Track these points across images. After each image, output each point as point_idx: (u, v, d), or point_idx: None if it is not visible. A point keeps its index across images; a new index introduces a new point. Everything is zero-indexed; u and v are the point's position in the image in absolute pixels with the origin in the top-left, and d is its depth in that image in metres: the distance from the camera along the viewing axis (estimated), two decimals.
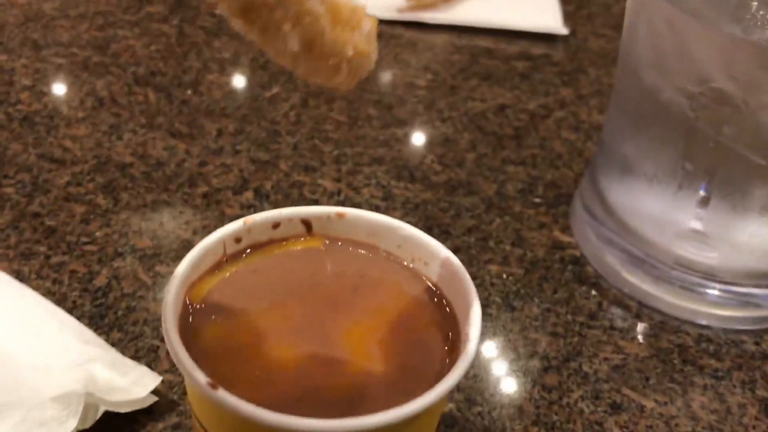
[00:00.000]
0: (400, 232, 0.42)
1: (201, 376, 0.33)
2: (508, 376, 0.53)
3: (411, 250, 0.41)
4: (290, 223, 0.43)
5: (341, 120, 0.75)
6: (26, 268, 0.57)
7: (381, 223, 0.42)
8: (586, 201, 0.64)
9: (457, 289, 0.39)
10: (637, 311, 0.59)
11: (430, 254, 0.41)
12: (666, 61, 0.54)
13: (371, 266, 0.41)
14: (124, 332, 0.53)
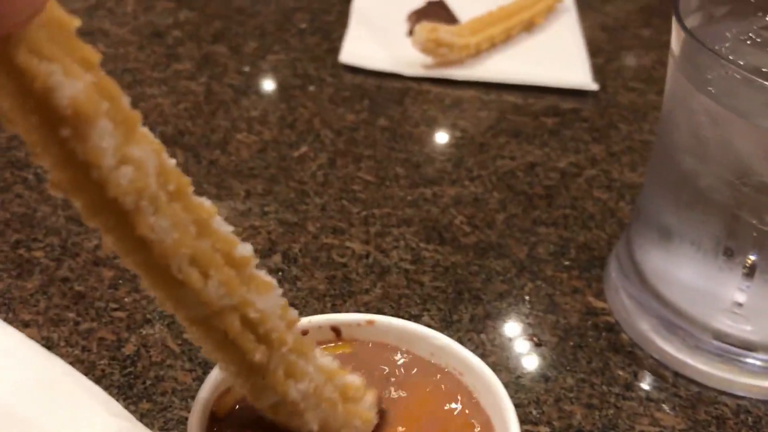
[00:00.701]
0: (434, 341, 0.41)
1: None
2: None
3: (445, 360, 0.41)
4: (319, 330, 0.42)
5: (369, 179, 0.75)
6: (55, 334, 0.56)
7: (412, 331, 0.41)
8: (621, 267, 0.63)
9: (494, 402, 0.38)
10: (674, 381, 0.57)
11: (465, 366, 0.40)
12: (706, 150, 0.54)
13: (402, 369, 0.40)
14: (152, 402, 0.52)
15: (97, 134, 0.25)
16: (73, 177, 0.25)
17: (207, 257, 0.29)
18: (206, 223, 0.29)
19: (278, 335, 0.32)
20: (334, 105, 0.85)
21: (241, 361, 0.32)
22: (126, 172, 0.25)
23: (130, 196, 0.26)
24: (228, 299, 0.30)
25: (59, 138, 0.24)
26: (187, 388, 0.53)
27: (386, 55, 0.91)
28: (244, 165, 0.75)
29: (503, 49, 0.95)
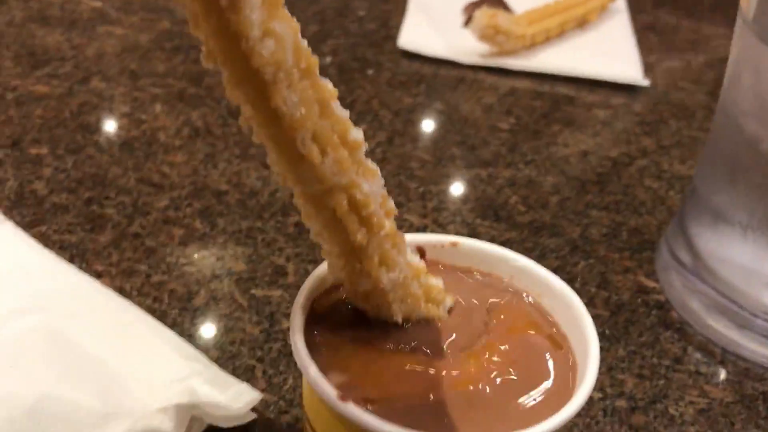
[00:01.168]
0: (514, 263, 0.43)
1: (330, 389, 0.34)
2: (595, 415, 0.53)
3: (525, 282, 0.42)
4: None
5: (426, 158, 0.77)
6: (128, 285, 0.59)
7: (494, 253, 0.43)
8: (673, 247, 0.64)
9: (573, 321, 0.40)
10: (722, 357, 0.59)
11: (545, 286, 0.42)
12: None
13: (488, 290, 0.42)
14: (222, 350, 0.54)
15: (248, 6, 0.27)
16: (225, 47, 0.28)
17: (326, 135, 0.31)
18: (327, 103, 0.32)
19: (378, 220, 0.34)
20: (392, 88, 0.87)
21: (344, 242, 0.34)
22: (269, 44, 0.28)
23: (271, 67, 0.28)
24: (340, 177, 0.32)
25: (218, 7, 0.27)
26: (254, 338, 0.56)
27: (443, 42, 0.94)
28: None
29: (557, 43, 0.97)
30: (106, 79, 0.83)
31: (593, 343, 0.38)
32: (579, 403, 0.35)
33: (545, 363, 0.39)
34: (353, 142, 0.33)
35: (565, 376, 0.38)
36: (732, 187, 0.59)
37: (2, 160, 0.70)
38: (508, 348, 0.38)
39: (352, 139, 0.33)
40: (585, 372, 0.37)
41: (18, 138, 0.73)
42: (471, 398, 0.36)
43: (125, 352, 0.52)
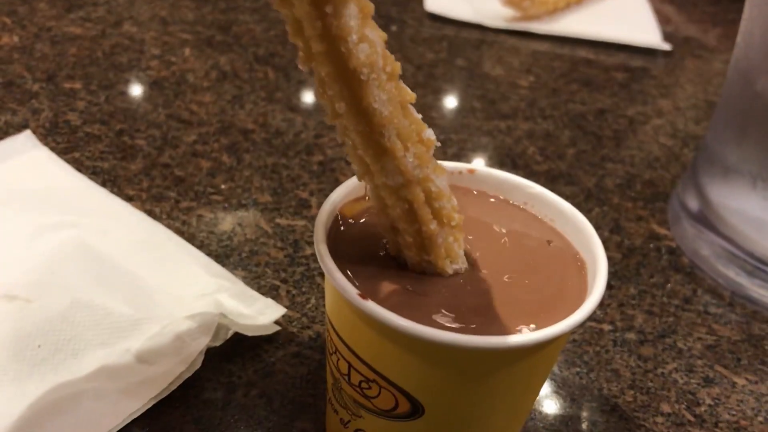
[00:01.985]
0: (528, 189, 0.45)
1: (351, 288, 0.36)
2: (606, 344, 0.55)
3: (538, 207, 0.44)
4: None
5: (447, 108, 0.79)
6: (158, 209, 0.61)
7: (509, 180, 0.45)
8: (685, 198, 0.66)
9: (584, 241, 0.42)
10: (731, 300, 0.61)
11: (557, 211, 0.43)
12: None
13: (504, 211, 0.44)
14: (247, 271, 0.57)
15: (348, 14, 0.31)
16: (326, 49, 0.32)
17: (407, 133, 0.35)
18: (406, 105, 0.35)
19: (447, 212, 0.38)
20: (415, 44, 0.89)
21: (418, 232, 0.37)
22: (364, 48, 0.32)
23: (366, 68, 0.32)
24: (419, 171, 0.36)
25: (323, 13, 0.31)
26: (279, 262, 0.58)
27: (469, 6, 0.96)
28: None
29: (577, 10, 0.99)
30: (137, 24, 0.85)
31: (602, 259, 0.40)
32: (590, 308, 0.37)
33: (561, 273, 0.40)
34: (427, 140, 0.36)
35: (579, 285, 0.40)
36: (743, 139, 0.60)
37: (38, 92, 0.72)
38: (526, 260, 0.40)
39: (426, 138, 0.36)
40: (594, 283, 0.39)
41: (53, 73, 0.75)
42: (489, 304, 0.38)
43: (155, 267, 0.55)
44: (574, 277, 0.40)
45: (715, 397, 0.52)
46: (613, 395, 0.51)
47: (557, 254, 0.41)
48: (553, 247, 0.42)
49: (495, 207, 0.44)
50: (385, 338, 0.36)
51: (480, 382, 0.38)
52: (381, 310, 0.35)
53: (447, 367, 0.37)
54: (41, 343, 0.48)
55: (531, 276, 0.40)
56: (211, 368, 0.49)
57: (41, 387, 0.45)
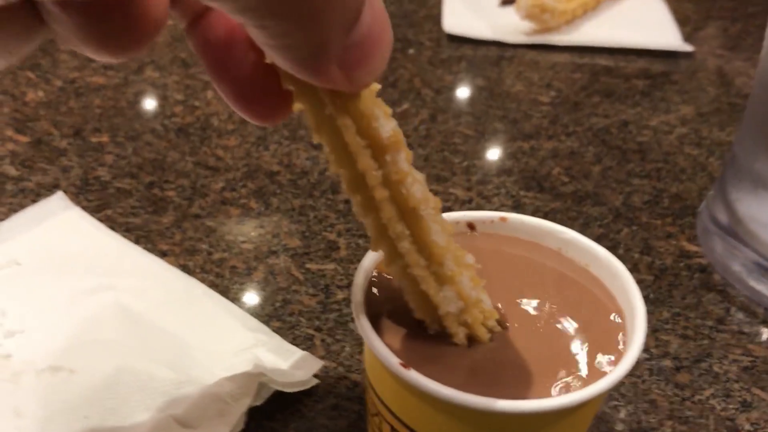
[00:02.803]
0: (561, 235, 0.45)
1: (393, 358, 0.36)
2: (642, 374, 0.55)
3: (572, 253, 0.44)
4: (456, 225, 0.46)
5: (469, 133, 0.79)
6: (191, 263, 0.62)
7: (542, 227, 0.45)
8: (714, 212, 0.66)
9: (621, 289, 0.42)
10: (764, 317, 0.61)
11: (592, 257, 0.44)
12: None
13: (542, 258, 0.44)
14: (282, 321, 0.58)
15: (401, 159, 0.34)
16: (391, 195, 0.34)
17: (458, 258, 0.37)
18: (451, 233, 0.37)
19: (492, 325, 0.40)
20: (433, 66, 0.89)
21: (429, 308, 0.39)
22: (418, 188, 0.35)
23: (422, 204, 0.35)
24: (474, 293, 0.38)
25: (382, 162, 0.34)
26: (311, 310, 0.59)
27: (486, 23, 0.96)
28: None
29: (593, 17, 0.99)
30: (159, 69, 0.87)
31: (640, 308, 0.40)
32: (629, 364, 0.37)
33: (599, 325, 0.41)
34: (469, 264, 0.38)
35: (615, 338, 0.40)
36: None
37: (66, 148, 0.74)
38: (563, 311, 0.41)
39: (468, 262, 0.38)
40: (633, 335, 0.39)
41: (79, 127, 0.77)
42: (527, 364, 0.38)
43: (193, 325, 0.56)
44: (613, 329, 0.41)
45: (754, 422, 0.52)
46: (652, 427, 0.52)
47: (594, 303, 0.42)
48: (590, 295, 0.42)
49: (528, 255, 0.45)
50: (429, 405, 0.37)
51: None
52: (424, 380, 0.36)
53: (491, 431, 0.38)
54: (87, 414, 0.49)
55: (569, 329, 0.40)
56: (254, 427, 0.50)
57: None
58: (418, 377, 0.36)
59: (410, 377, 0.36)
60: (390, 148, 0.34)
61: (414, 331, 0.40)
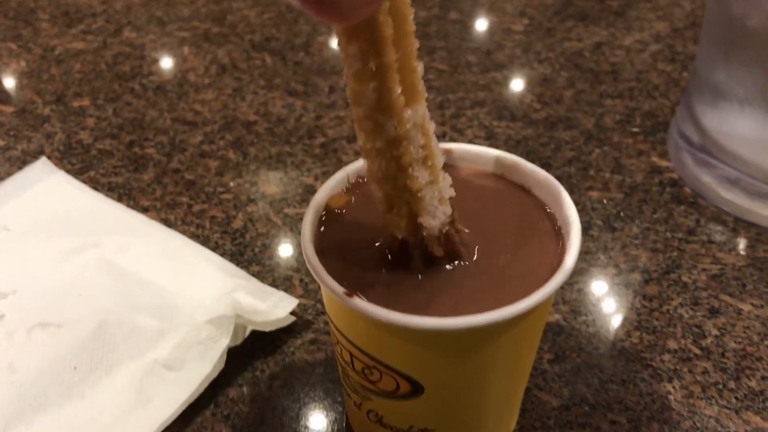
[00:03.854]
0: (504, 161, 0.46)
1: (337, 287, 0.38)
2: (610, 289, 0.57)
3: (515, 177, 0.46)
4: None
5: (442, 68, 0.80)
6: (172, 216, 0.64)
7: (485, 154, 0.46)
8: (682, 127, 0.67)
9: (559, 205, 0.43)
10: (734, 225, 0.62)
11: (533, 180, 0.45)
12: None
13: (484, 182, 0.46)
14: (261, 265, 0.59)
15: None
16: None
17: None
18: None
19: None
20: None
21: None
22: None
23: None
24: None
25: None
26: (290, 252, 0.60)
27: None
28: (327, 64, 0.81)
29: None
30: (136, 29, 0.88)
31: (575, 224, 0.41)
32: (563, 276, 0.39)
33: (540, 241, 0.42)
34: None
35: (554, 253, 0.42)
36: (727, 63, 0.61)
37: (49, 115, 0.75)
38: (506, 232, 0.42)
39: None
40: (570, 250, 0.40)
41: (61, 93, 0.78)
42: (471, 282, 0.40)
43: (175, 275, 0.58)
44: (553, 244, 0.42)
45: (721, 327, 0.54)
46: (620, 339, 0.53)
47: (537, 223, 0.43)
48: (532, 215, 0.43)
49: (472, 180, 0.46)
50: (377, 329, 0.39)
51: (471, 359, 0.40)
52: (367, 305, 0.37)
53: (437, 349, 0.39)
54: (77, 365, 0.52)
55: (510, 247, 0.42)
56: (234, 366, 0.52)
57: (81, 406, 0.49)
58: (361, 303, 0.37)
59: (354, 304, 0.37)
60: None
61: (365, 262, 0.41)
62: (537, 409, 0.49)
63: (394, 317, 0.37)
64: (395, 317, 0.37)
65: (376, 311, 0.37)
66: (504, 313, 0.37)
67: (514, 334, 0.40)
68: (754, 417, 0.48)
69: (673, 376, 0.51)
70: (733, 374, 0.51)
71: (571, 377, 0.51)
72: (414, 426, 0.44)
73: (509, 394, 0.45)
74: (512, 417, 0.48)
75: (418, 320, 0.37)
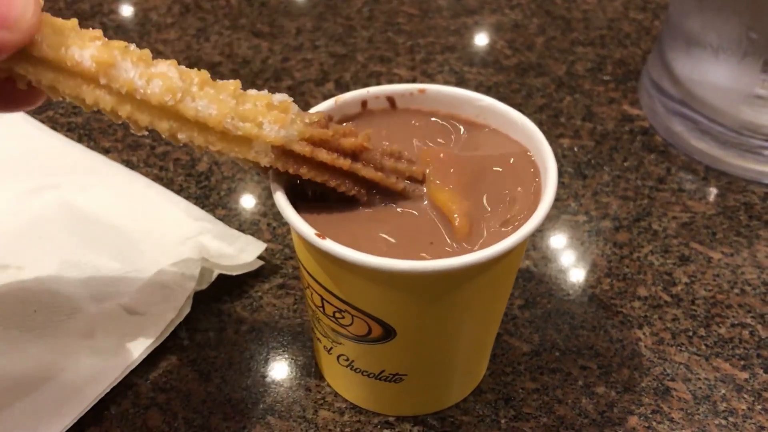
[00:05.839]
0: (478, 102, 0.45)
1: (309, 229, 0.37)
2: (581, 237, 0.56)
3: (489, 119, 0.45)
4: (376, 100, 0.46)
5: (413, 12, 0.78)
6: (134, 157, 0.62)
7: (460, 95, 0.45)
8: (654, 75, 0.66)
9: (534, 150, 0.42)
10: (705, 174, 0.62)
11: (508, 121, 0.44)
12: None
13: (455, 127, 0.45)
14: (227, 209, 0.58)
15: (123, 70, 0.35)
16: (133, 106, 0.36)
17: (252, 113, 0.37)
18: (239, 92, 0.37)
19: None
20: None
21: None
22: (156, 83, 0.36)
23: (168, 95, 0.36)
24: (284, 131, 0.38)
25: (102, 85, 0.36)
26: (257, 195, 0.59)
27: None
28: (293, 5, 0.79)
29: None
30: None
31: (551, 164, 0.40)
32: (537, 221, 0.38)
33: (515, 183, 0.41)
34: (280, 104, 0.38)
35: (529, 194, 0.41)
36: (701, 11, 0.60)
37: None
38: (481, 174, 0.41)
39: (279, 102, 0.38)
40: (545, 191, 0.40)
41: None
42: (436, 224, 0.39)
43: (138, 218, 0.56)
44: (529, 185, 0.41)
45: (691, 274, 0.54)
46: (590, 285, 0.53)
47: (512, 165, 0.42)
48: (507, 157, 0.42)
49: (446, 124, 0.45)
50: (348, 272, 0.38)
51: (444, 302, 0.39)
52: (338, 247, 0.36)
53: (408, 292, 0.39)
54: (37, 308, 0.50)
55: (485, 189, 0.41)
56: (201, 311, 0.51)
57: (42, 350, 0.48)
58: (333, 245, 0.36)
59: (325, 246, 0.36)
60: (100, 71, 0.35)
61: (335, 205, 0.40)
62: (507, 355, 0.49)
63: (368, 260, 0.36)
64: (369, 260, 0.36)
65: (349, 254, 0.36)
66: (478, 256, 0.36)
67: (488, 277, 0.39)
68: (723, 364, 0.49)
69: (643, 323, 0.51)
70: (702, 321, 0.51)
71: (542, 323, 0.51)
72: (385, 370, 0.43)
73: (481, 339, 0.45)
74: (483, 362, 0.48)
75: (392, 263, 0.36)
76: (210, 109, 0.36)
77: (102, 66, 0.35)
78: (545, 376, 0.48)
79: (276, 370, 0.48)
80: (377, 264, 0.36)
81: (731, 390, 0.47)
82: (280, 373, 0.48)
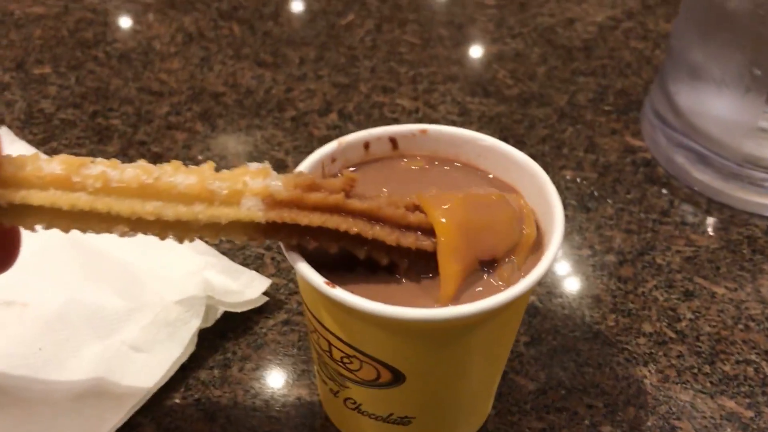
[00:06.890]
0: (480, 143, 0.46)
1: (318, 278, 0.37)
2: (585, 271, 0.57)
3: (491, 159, 0.45)
4: (378, 141, 0.46)
5: (415, 42, 0.78)
6: None
7: (461, 136, 0.46)
8: (656, 106, 0.67)
9: (538, 192, 0.42)
10: (707, 207, 0.62)
11: (510, 162, 0.44)
12: None
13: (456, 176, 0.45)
14: (231, 243, 0.58)
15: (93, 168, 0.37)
16: (111, 197, 0.37)
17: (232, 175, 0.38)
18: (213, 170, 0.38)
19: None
20: None
21: None
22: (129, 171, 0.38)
23: (144, 175, 0.37)
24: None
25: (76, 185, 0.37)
26: None
27: None
28: (296, 34, 0.79)
29: None
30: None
31: (557, 208, 0.40)
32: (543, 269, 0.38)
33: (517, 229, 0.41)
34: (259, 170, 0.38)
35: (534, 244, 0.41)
36: (705, 44, 0.60)
37: (9, 83, 0.73)
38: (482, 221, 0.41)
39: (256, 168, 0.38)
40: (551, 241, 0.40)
41: (21, 60, 0.76)
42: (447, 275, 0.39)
43: (142, 252, 0.56)
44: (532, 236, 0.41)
45: (695, 310, 0.54)
46: (596, 322, 0.53)
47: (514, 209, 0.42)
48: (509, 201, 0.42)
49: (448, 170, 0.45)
50: (358, 320, 0.38)
51: (454, 346, 0.40)
52: (348, 296, 0.37)
53: (420, 339, 0.39)
54: (42, 346, 0.50)
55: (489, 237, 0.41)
56: (206, 348, 0.51)
57: (46, 389, 0.48)
58: (343, 294, 0.36)
59: (335, 295, 0.36)
60: (71, 171, 0.36)
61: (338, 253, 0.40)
62: (513, 393, 0.49)
63: (381, 309, 0.36)
64: (382, 309, 0.36)
65: (361, 303, 0.36)
66: (491, 303, 0.36)
67: (497, 322, 0.40)
68: (728, 402, 0.49)
69: (648, 360, 0.51)
70: (707, 358, 0.51)
71: (548, 360, 0.51)
72: (393, 413, 0.43)
73: (488, 380, 0.45)
74: (489, 400, 0.48)
75: (405, 312, 0.36)
76: (189, 180, 0.36)
77: (72, 166, 0.36)
78: (551, 415, 0.48)
79: (281, 409, 0.48)
80: (390, 313, 0.36)
81: (737, 429, 0.47)
82: (285, 413, 0.48)
